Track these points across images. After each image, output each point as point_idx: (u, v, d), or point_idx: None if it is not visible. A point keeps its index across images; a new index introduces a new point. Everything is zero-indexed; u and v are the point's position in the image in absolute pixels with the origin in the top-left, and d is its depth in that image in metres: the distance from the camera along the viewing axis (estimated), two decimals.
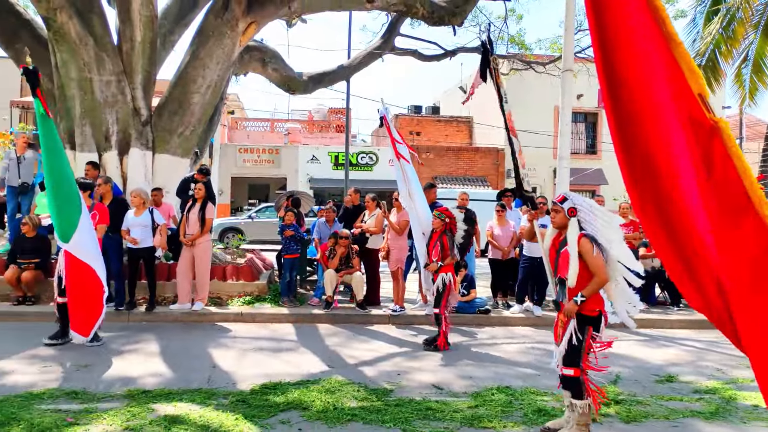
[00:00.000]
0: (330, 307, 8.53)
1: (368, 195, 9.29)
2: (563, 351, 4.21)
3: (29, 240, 8.33)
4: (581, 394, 4.19)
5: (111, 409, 4.61)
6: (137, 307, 8.25)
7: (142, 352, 6.52)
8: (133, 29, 9.47)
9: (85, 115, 9.57)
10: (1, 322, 7.70)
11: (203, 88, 10.17)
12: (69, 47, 9.11)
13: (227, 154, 27.53)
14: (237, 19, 9.99)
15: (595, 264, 4.09)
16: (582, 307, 4.14)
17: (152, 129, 10.03)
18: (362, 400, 4.96)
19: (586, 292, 4.09)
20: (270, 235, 19.17)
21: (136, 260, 8.20)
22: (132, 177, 9.81)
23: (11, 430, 4.11)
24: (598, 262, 4.09)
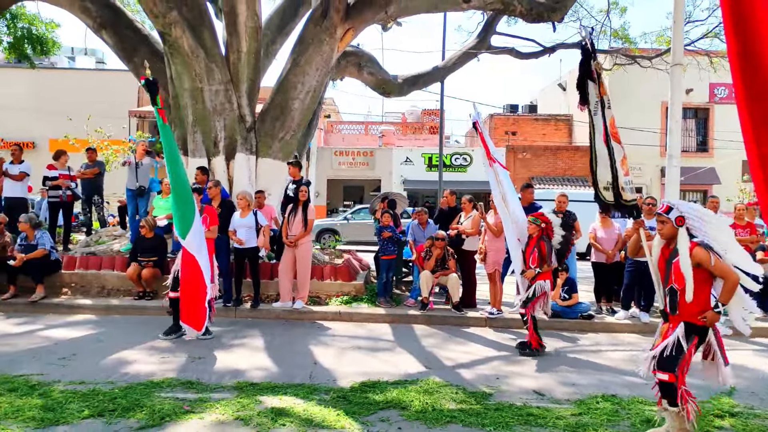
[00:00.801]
0: (426, 308, 8.56)
1: (464, 196, 9.24)
2: (657, 355, 4.04)
3: (148, 240, 8.98)
4: (676, 401, 3.99)
5: (222, 399, 4.88)
6: (243, 304, 8.67)
7: (248, 346, 6.85)
8: (240, 40, 9.97)
9: (197, 122, 10.19)
10: (125, 316, 8.36)
11: (303, 93, 10.55)
12: (182, 59, 9.74)
13: (323, 157, 28.31)
14: (335, 26, 10.27)
15: (720, 269, 3.88)
16: (692, 316, 3.93)
17: (256, 134, 10.52)
18: (461, 402, 4.95)
19: (723, 300, 3.91)
20: (365, 236, 19.52)
21: (241, 260, 8.63)
22: (237, 180, 10.33)
23: (136, 415, 4.45)
24: (723, 266, 3.88)
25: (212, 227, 7.26)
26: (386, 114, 37.76)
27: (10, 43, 14.01)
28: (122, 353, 6.37)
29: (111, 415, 4.43)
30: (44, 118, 27.65)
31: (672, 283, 4.07)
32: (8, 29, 13.98)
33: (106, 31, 10.73)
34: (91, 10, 10.60)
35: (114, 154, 20.96)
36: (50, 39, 14.53)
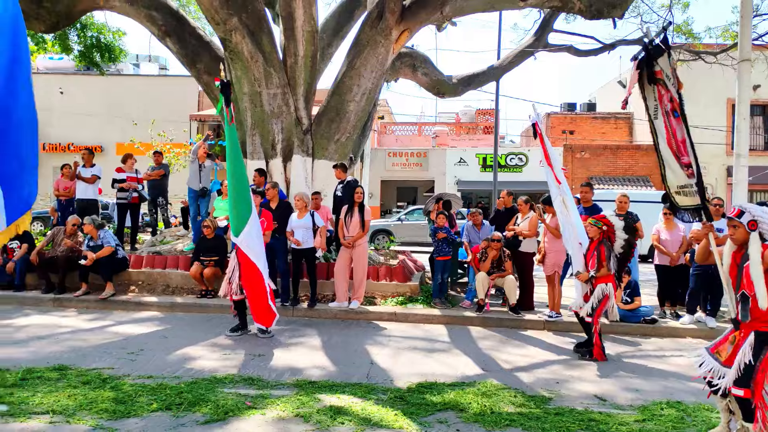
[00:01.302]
0: (482, 310, 8.50)
1: (521, 197, 9.13)
2: (734, 373, 3.83)
3: (209, 240, 9.26)
4: (751, 416, 3.80)
5: (282, 396, 4.99)
6: (300, 304, 8.83)
7: (306, 345, 6.97)
8: (297, 45, 10.16)
9: (255, 125, 10.45)
10: (188, 313, 8.65)
11: (358, 96, 10.65)
12: (242, 64, 10.00)
13: (377, 158, 28.46)
14: (390, 28, 10.33)
15: None
16: (764, 324, 3.76)
17: (312, 137, 10.70)
18: (520, 406, 4.89)
19: None
20: (418, 237, 19.53)
21: (299, 260, 8.78)
22: (294, 182, 10.53)
23: (201, 409, 4.61)
24: None
25: (266, 232, 7.43)
26: (440, 114, 37.66)
27: (81, 52, 14.71)
28: (186, 349, 6.60)
29: (178, 409, 4.60)
30: (111, 123, 28.90)
31: (743, 289, 3.90)
32: (79, 38, 14.69)
33: (171, 39, 11.13)
34: (157, 19, 11.02)
35: (176, 157, 21.71)
36: (117, 47, 15.19)
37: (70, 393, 4.88)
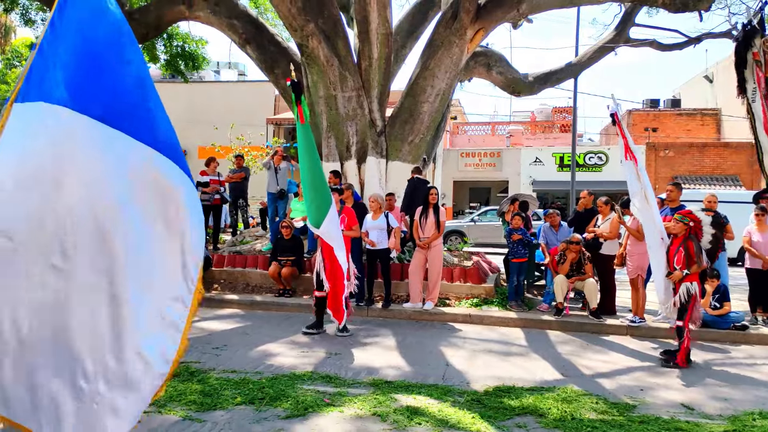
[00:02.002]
0: (560, 313, 8.30)
1: (601, 198, 8.84)
2: None
3: (287, 240, 9.52)
4: None
5: (359, 395, 5.06)
6: (374, 304, 8.92)
7: (381, 345, 7.04)
8: (371, 47, 10.28)
9: (331, 128, 10.65)
10: (266, 311, 8.93)
11: (432, 96, 10.65)
12: (318, 68, 10.22)
13: (449, 159, 28.32)
14: (465, 28, 10.27)
15: None
16: None
17: (386, 138, 10.79)
18: (602, 413, 4.75)
19: None
20: (492, 238, 19.28)
21: (373, 260, 8.88)
22: (368, 183, 10.66)
23: (282, 404, 4.75)
24: None
25: (354, 226, 7.55)
26: (514, 113, 37.01)
27: (167, 60, 15.47)
28: (266, 346, 6.81)
29: (260, 403, 4.76)
30: (194, 128, 30.19)
31: None
32: (165, 48, 15.45)
33: (250, 46, 11.52)
34: (237, 27, 11.43)
35: (254, 159, 22.43)
36: (200, 55, 15.88)
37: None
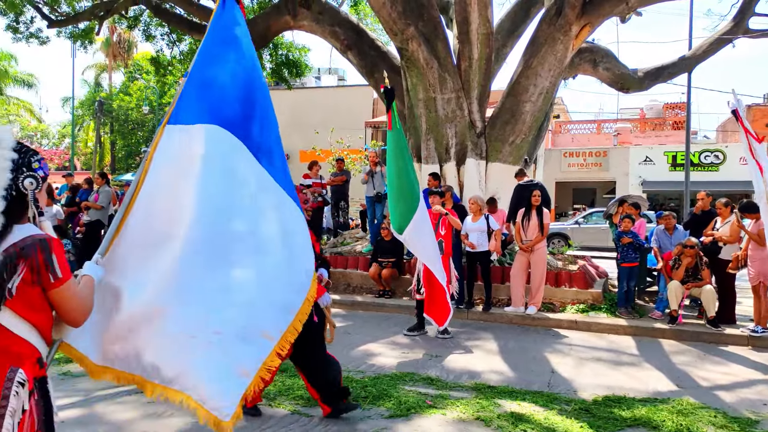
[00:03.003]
0: (674, 321, 7.81)
1: (720, 200, 8.24)
2: None
3: (387, 242, 9.62)
4: None
5: (462, 398, 5.02)
6: (474, 307, 8.82)
7: (482, 348, 6.95)
8: (471, 48, 10.19)
9: (430, 130, 10.66)
10: (367, 311, 9.07)
11: (534, 96, 10.39)
12: (418, 71, 10.27)
13: (551, 159, 27.49)
14: (570, 24, 9.93)
15: None
16: None
17: (486, 139, 10.64)
18: (721, 427, 4.42)
19: None
20: (597, 242, 18.50)
21: (473, 263, 8.78)
22: (468, 185, 10.56)
23: (385, 404, 4.80)
24: None
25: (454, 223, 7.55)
26: (621, 110, 35.28)
27: (272, 69, 16.13)
28: (368, 346, 6.92)
29: (364, 402, 4.84)
30: (296, 132, 31.29)
31: None
32: (271, 57, 16.13)
33: (351, 52, 11.77)
34: (339, 34, 11.73)
35: (352, 162, 22.91)
36: (303, 62, 16.42)
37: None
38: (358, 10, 16.08)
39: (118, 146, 42.06)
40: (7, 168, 1.97)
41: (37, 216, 2.11)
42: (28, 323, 2.02)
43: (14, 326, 1.98)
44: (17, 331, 1.99)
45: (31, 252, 1.98)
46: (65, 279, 2.06)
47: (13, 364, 1.97)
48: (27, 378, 1.99)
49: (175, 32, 15.64)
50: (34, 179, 2.06)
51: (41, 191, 2.12)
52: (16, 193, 2.00)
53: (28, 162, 2.06)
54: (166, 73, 17.45)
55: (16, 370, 1.96)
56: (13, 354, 1.98)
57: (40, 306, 2.05)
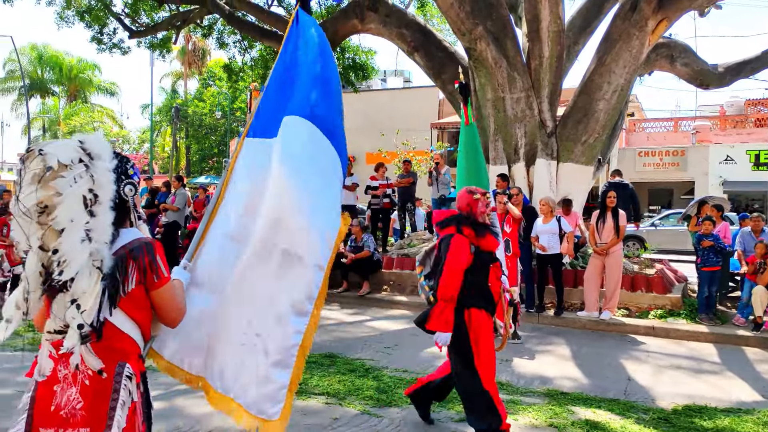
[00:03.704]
0: (759, 329, 7.39)
1: None
2: None
3: None
4: None
5: (533, 404, 4.92)
6: (545, 311, 8.63)
7: (554, 354, 6.79)
8: (542, 46, 9.98)
9: (498, 131, 10.52)
10: None
11: (608, 93, 10.07)
12: (486, 71, 10.15)
13: (625, 159, 26.51)
14: (646, 19, 9.58)
15: None
16: None
17: (557, 139, 10.40)
18: None
19: None
20: (675, 245, 17.71)
21: (544, 266, 8.59)
22: (538, 186, 10.34)
23: (454, 407, 4.76)
24: None
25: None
26: (700, 107, 33.66)
27: (339, 73, 16.34)
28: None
29: (433, 404, 4.81)
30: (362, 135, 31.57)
31: None
32: (338, 60, 16.36)
33: (418, 53, 11.77)
34: (406, 36, 11.75)
35: (418, 164, 22.90)
36: (369, 65, 16.57)
37: (340, 379, 5.44)
38: (424, 11, 16.07)
39: (193, 150, 43.77)
40: (111, 180, 2.09)
41: (137, 220, 2.25)
42: (133, 321, 2.15)
43: (122, 324, 2.12)
44: (125, 329, 2.13)
45: (138, 254, 2.11)
46: (167, 280, 2.20)
47: (121, 359, 2.11)
48: (134, 372, 2.13)
49: (247, 39, 16.12)
50: (132, 186, 2.20)
51: (137, 196, 2.25)
52: (118, 200, 2.13)
53: (125, 170, 2.18)
54: (237, 80, 18.03)
55: (124, 365, 2.10)
56: (120, 350, 2.11)
57: (143, 305, 2.17)
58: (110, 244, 2.06)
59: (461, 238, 3.84)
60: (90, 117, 43.03)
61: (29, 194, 1.98)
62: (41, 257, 2.01)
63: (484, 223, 3.98)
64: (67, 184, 1.97)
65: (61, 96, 45.73)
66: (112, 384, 2.06)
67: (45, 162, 1.97)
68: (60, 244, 1.96)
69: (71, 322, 1.98)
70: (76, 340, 1.98)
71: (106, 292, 2.03)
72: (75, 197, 1.97)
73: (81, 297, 1.97)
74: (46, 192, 1.97)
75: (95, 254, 1.99)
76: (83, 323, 1.97)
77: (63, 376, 2.05)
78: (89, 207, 1.99)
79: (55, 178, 1.97)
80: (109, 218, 2.05)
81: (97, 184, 2.03)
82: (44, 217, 1.99)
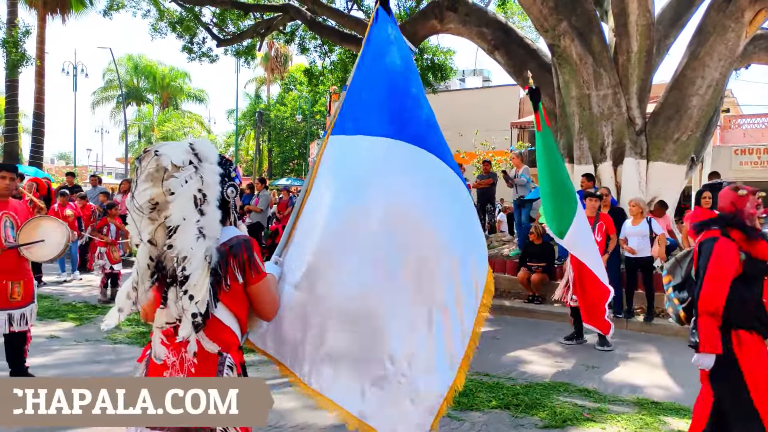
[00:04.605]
0: None
1: None
2: None
3: (536, 246, 9.34)
4: None
5: (622, 413, 4.73)
6: (634, 317, 8.27)
7: (644, 362, 6.50)
8: (630, 41, 9.59)
9: (583, 129, 10.18)
10: (515, 317, 8.86)
11: (702, 89, 9.55)
12: (570, 68, 9.86)
13: (720, 157, 24.99)
14: (742, 10, 9.03)
15: None
16: None
17: (646, 137, 9.95)
18: None
19: None
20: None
21: (633, 269, 8.23)
22: (626, 186, 9.94)
23: (538, 414, 4.65)
24: None
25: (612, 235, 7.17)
26: None
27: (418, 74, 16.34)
28: (517, 352, 6.76)
29: (516, 410, 4.72)
30: None
31: None
32: (416, 62, 16.37)
33: (499, 52, 11.58)
34: (486, 34, 11.60)
35: (497, 164, 22.54)
36: (448, 66, 16.47)
37: None
38: (505, 8, 15.80)
39: (275, 153, 45.14)
40: (217, 181, 2.21)
41: (237, 219, 2.36)
42: (233, 315, 2.26)
43: (224, 317, 2.23)
44: (226, 321, 2.24)
45: (237, 251, 2.21)
46: (264, 275, 2.30)
47: (222, 350, 2.23)
48: (234, 363, 2.24)
49: (327, 44, 16.44)
50: (234, 188, 2.31)
51: (238, 197, 2.35)
52: (222, 200, 2.24)
53: (228, 172, 2.29)
54: (318, 83, 18.43)
55: (226, 356, 2.22)
56: (222, 341, 2.23)
57: (241, 299, 2.28)
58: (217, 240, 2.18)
59: (728, 242, 3.24)
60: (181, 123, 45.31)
61: (143, 191, 2.12)
62: (150, 251, 2.15)
63: (753, 226, 3.34)
64: (179, 184, 2.09)
65: (155, 103, 48.40)
66: (215, 374, 2.18)
67: (159, 162, 2.10)
68: (174, 240, 2.09)
69: (185, 313, 2.11)
70: (190, 329, 2.10)
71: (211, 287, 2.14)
72: (186, 196, 2.10)
73: (193, 288, 2.09)
74: (159, 190, 2.10)
75: (208, 250, 2.12)
76: (197, 312, 2.09)
77: (171, 363, 2.20)
78: (199, 206, 2.12)
79: (168, 178, 2.10)
80: (217, 216, 2.18)
81: (206, 185, 2.15)
82: (155, 214, 2.13)
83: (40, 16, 24.32)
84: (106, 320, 2.29)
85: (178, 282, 2.11)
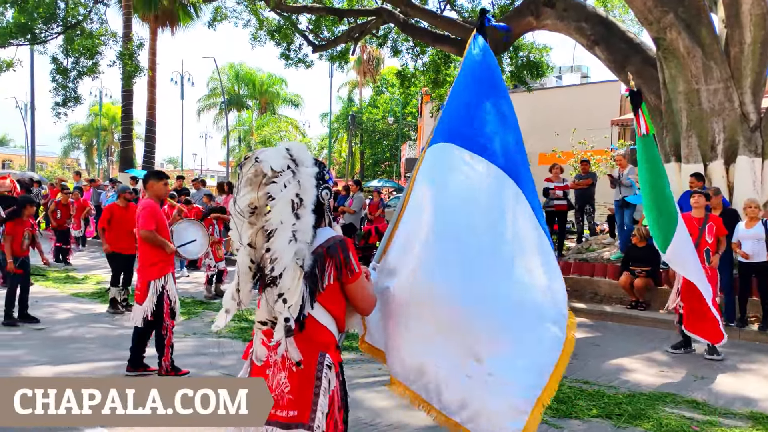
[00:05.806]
0: None
1: None
2: None
3: (640, 249, 8.92)
4: None
5: (735, 426, 4.47)
6: (748, 325, 7.73)
7: (758, 373, 6.09)
8: (742, 31, 8.99)
9: (691, 126, 9.62)
10: (617, 323, 8.52)
11: None
12: (677, 62, 9.35)
13: None
14: None
15: None
16: None
17: (761, 134, 9.28)
18: None
19: None
20: None
21: (747, 275, 7.69)
22: (739, 186, 9.31)
23: (642, 424, 4.47)
24: None
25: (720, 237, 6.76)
26: None
27: (512, 72, 16.06)
28: (620, 360, 6.50)
29: (618, 419, 4.56)
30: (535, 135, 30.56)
31: None
32: (511, 60, 16.08)
33: (599, 47, 11.16)
34: (585, 29, 11.21)
35: (597, 164, 21.68)
36: (544, 63, 16.06)
37: None
38: (605, 2, 15.20)
39: (367, 155, 45.84)
40: (313, 184, 2.28)
41: (332, 220, 2.44)
42: (330, 314, 2.35)
43: (321, 317, 2.32)
44: (323, 321, 2.33)
45: (334, 252, 2.30)
46: (360, 274, 2.37)
47: (321, 350, 2.31)
48: (333, 362, 2.32)
49: (419, 45, 16.51)
50: (328, 190, 2.39)
51: (332, 198, 2.44)
52: (317, 202, 2.31)
53: (322, 175, 2.37)
54: (409, 85, 18.54)
55: (324, 355, 2.31)
56: (320, 342, 2.32)
57: (338, 299, 2.36)
58: (310, 243, 2.25)
59: None
60: (277, 127, 47.09)
61: (243, 196, 2.24)
62: (250, 253, 2.27)
63: None
64: (278, 189, 2.19)
65: (254, 109, 50.58)
66: (314, 372, 2.26)
67: (258, 168, 2.22)
68: (272, 243, 2.19)
69: (279, 316, 2.21)
70: (283, 333, 2.19)
71: (308, 288, 2.22)
72: (285, 201, 2.19)
73: (287, 293, 2.18)
74: (257, 195, 2.22)
75: (299, 253, 2.19)
76: (289, 317, 2.17)
77: (273, 361, 2.30)
78: (295, 210, 2.20)
79: (268, 183, 2.20)
80: (311, 220, 2.24)
81: (302, 189, 2.23)
82: (254, 218, 2.25)
83: (152, 29, 26.13)
84: (216, 321, 2.43)
85: (274, 284, 2.20)
